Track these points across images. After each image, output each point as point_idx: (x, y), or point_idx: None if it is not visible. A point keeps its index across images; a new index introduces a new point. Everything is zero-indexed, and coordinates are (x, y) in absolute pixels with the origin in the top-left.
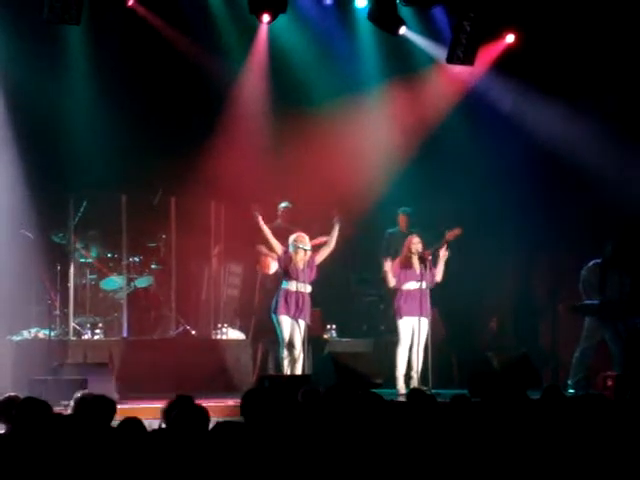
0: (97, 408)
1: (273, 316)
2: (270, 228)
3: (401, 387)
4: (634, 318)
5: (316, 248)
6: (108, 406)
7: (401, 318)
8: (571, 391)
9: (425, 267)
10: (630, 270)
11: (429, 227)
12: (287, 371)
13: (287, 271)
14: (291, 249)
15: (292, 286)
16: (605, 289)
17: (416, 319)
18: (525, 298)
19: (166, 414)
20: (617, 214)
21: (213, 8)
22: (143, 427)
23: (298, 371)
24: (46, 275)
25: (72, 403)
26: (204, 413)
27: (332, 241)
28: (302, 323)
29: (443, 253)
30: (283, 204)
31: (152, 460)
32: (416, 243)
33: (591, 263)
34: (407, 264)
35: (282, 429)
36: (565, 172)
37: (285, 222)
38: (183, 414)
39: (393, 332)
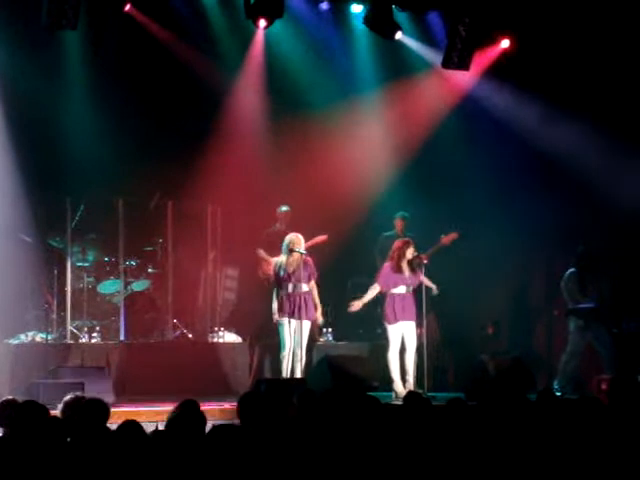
0: (89, 411)
1: (275, 319)
2: (269, 232)
3: (400, 390)
4: (629, 321)
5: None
6: (100, 408)
7: (392, 323)
8: (557, 394)
9: (418, 270)
10: (606, 273)
11: (425, 231)
12: (287, 372)
13: (281, 276)
14: (284, 252)
15: (289, 289)
16: (587, 295)
17: (407, 323)
18: (521, 302)
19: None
20: (613, 219)
21: (209, 13)
22: (142, 430)
23: (299, 373)
24: (43, 279)
25: (60, 406)
26: (202, 417)
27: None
28: (306, 324)
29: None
30: (283, 208)
31: (150, 463)
32: (410, 248)
33: (567, 273)
34: (397, 269)
35: (278, 432)
36: (561, 176)
37: (284, 225)
38: (182, 417)
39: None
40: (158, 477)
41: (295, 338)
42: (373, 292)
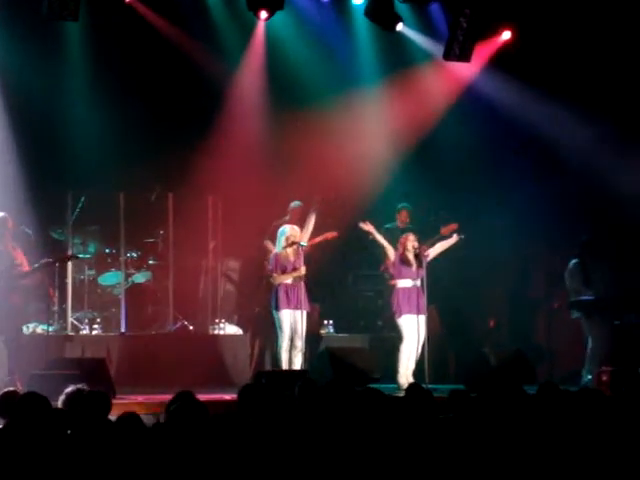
0: (90, 402)
1: (274, 312)
2: (278, 223)
3: (403, 384)
4: (629, 314)
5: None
6: (102, 400)
7: (401, 316)
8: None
9: (420, 263)
10: (610, 264)
11: (426, 223)
12: (286, 364)
13: (283, 267)
14: (282, 242)
15: (289, 280)
16: (590, 286)
17: (415, 316)
18: (522, 295)
19: (168, 409)
20: (615, 213)
21: (211, 5)
22: (141, 422)
23: (299, 363)
24: (44, 270)
25: (62, 397)
26: (204, 408)
27: (309, 224)
28: (303, 313)
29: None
30: (295, 203)
31: (150, 455)
32: (412, 240)
33: (571, 263)
34: (404, 261)
35: (279, 424)
36: (563, 170)
37: (293, 220)
38: (182, 409)
39: (390, 328)
40: (159, 469)
41: (295, 329)
42: (389, 249)
